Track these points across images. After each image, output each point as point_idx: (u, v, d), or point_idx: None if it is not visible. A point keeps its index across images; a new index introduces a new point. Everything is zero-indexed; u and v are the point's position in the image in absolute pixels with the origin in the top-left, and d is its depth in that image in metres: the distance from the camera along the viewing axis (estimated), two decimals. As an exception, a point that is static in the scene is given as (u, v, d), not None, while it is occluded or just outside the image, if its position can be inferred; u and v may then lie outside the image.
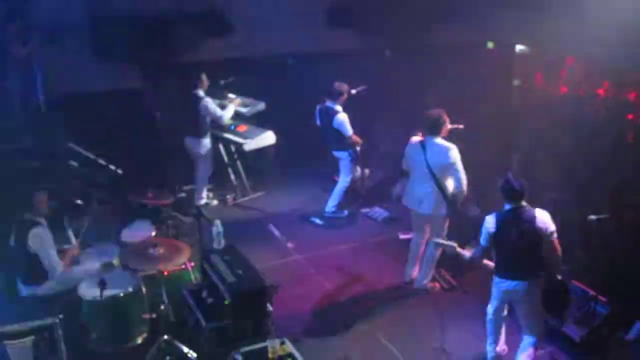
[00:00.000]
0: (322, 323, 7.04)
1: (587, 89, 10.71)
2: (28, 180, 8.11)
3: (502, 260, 5.98)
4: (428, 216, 7.33)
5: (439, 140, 7.10)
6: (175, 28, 9.05)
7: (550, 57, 10.94)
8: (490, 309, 6.20)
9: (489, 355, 6.34)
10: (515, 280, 5.89)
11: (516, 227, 5.81)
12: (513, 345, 6.32)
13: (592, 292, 6.61)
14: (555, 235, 5.82)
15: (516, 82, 12.04)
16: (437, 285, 7.70)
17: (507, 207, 5.89)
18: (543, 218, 5.78)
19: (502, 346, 6.42)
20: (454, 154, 7.03)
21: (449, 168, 7.04)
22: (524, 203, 5.84)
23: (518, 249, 5.84)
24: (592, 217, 6.68)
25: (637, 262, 7.26)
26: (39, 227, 6.28)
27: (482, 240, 6.02)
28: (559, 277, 5.98)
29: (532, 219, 5.76)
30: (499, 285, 6.02)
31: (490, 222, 5.93)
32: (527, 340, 6.08)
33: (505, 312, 6.25)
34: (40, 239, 6.26)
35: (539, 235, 5.76)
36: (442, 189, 7.08)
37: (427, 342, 6.74)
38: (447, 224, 7.37)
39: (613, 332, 6.56)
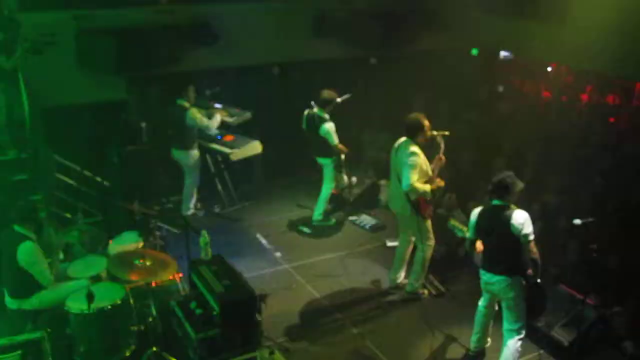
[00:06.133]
0: (311, 332, 7.03)
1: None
2: (14, 193, 8.05)
3: (484, 252, 6.14)
4: (401, 216, 7.44)
5: (408, 143, 7.13)
6: (159, 39, 9.03)
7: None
8: (480, 302, 6.42)
9: (472, 345, 6.56)
10: (492, 274, 6.03)
11: (493, 223, 5.95)
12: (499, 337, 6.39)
13: (579, 296, 6.65)
14: (530, 238, 5.83)
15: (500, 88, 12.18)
16: (426, 291, 7.72)
17: (492, 203, 6.04)
18: (518, 220, 5.79)
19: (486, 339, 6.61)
20: (413, 158, 6.99)
21: (402, 168, 7.04)
22: (506, 203, 5.91)
23: (494, 244, 5.98)
24: (578, 220, 6.72)
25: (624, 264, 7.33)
26: (29, 242, 6.15)
27: (469, 231, 6.26)
28: (538, 281, 6.03)
29: (508, 219, 5.80)
30: (481, 277, 6.20)
31: (474, 214, 6.16)
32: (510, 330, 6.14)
33: (496, 307, 6.36)
34: (32, 255, 6.13)
35: (513, 235, 5.81)
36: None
37: (415, 349, 6.77)
38: (426, 226, 7.37)
39: (601, 335, 6.60)
